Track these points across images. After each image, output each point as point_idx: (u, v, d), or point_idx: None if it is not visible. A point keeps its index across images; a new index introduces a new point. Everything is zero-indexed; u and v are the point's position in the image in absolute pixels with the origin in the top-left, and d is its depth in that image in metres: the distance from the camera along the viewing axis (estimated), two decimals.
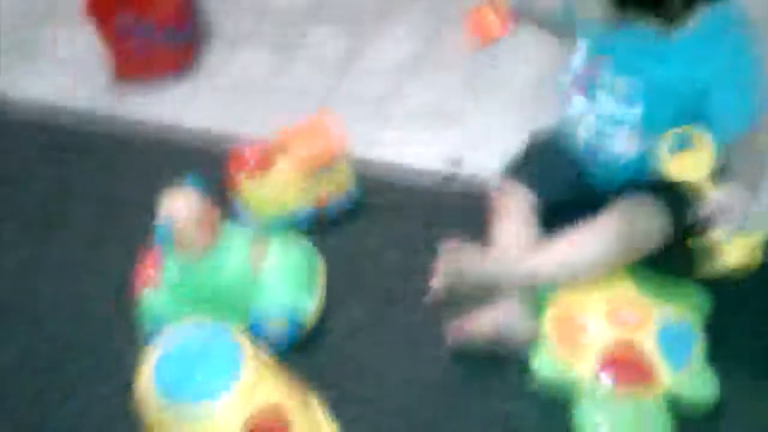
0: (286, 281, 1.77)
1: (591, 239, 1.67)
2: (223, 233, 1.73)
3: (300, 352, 1.70)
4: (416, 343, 1.74)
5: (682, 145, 1.56)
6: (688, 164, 1.54)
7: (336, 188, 1.96)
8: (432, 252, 1.71)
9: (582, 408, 1.57)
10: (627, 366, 1.57)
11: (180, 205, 1.68)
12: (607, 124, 1.71)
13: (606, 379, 1.56)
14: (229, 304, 1.72)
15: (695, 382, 1.58)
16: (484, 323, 1.68)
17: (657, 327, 1.60)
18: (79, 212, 2.11)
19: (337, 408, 1.62)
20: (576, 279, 1.67)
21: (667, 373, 1.56)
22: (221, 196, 1.85)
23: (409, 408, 1.65)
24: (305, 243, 1.86)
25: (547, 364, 1.62)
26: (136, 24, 2.39)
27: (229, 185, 1.93)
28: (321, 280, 1.83)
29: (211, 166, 1.95)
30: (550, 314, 1.65)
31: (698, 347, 1.60)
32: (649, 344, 1.58)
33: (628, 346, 1.58)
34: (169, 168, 1.85)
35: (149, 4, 2.38)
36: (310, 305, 1.79)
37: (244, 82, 2.38)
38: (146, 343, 1.56)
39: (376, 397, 1.67)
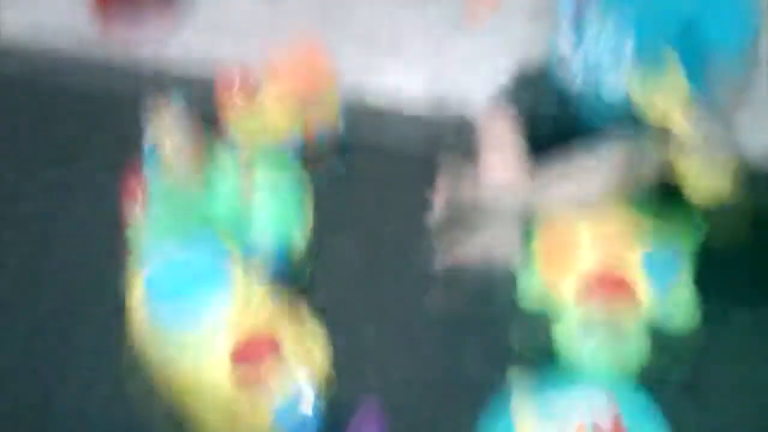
0: (275, 211, 1.76)
1: (589, 174, 1.67)
2: (212, 162, 1.74)
3: (287, 285, 1.66)
4: (407, 279, 1.74)
5: (656, 71, 1.57)
6: (662, 91, 1.55)
7: (324, 119, 1.95)
8: (421, 183, 1.74)
9: (564, 329, 1.58)
10: (611, 286, 1.57)
11: (167, 129, 1.70)
12: (598, 56, 1.70)
13: (590, 299, 1.56)
14: (218, 233, 1.70)
15: (677, 305, 1.58)
16: (473, 248, 1.70)
17: (643, 250, 1.60)
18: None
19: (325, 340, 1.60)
20: (571, 209, 1.67)
21: (650, 295, 1.57)
22: (209, 126, 1.84)
23: (400, 342, 1.67)
24: (294, 174, 1.85)
25: (534, 284, 1.63)
26: None
27: (217, 115, 1.91)
28: (309, 211, 1.82)
29: (198, 96, 1.92)
30: (539, 237, 1.66)
31: (683, 272, 1.61)
32: (634, 266, 1.58)
33: (614, 267, 1.58)
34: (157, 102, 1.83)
35: None
36: (298, 236, 1.77)
37: (230, 11, 2.35)
38: (137, 267, 1.56)
39: (361, 334, 1.67)
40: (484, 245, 1.71)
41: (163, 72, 2.23)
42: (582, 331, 1.57)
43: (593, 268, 1.59)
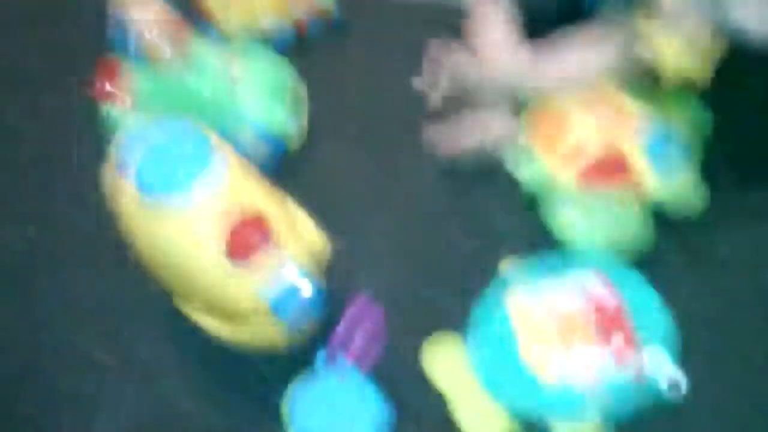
0: (264, 97, 1.67)
1: (587, 53, 1.62)
2: (194, 47, 1.62)
3: (280, 178, 1.49)
4: (403, 164, 1.68)
5: None
6: None
7: (316, 4, 1.84)
8: (417, 70, 1.71)
9: (561, 209, 1.53)
10: (612, 169, 1.53)
11: (145, 10, 1.57)
12: None
13: (590, 183, 1.52)
14: (203, 120, 1.53)
15: (681, 188, 1.52)
16: (469, 131, 1.67)
17: (646, 131, 1.54)
18: None
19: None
20: (569, 91, 1.62)
21: (653, 178, 1.51)
22: (193, 11, 1.72)
23: (394, 231, 1.59)
24: (282, 61, 1.73)
25: (532, 169, 1.58)
26: None
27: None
28: (302, 98, 1.73)
29: None
30: (536, 121, 1.61)
31: (688, 155, 1.54)
32: (636, 148, 1.52)
33: (615, 149, 1.53)
34: None
35: None
36: (291, 123, 1.69)
37: None
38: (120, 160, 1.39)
39: (355, 220, 1.60)
40: (481, 128, 1.67)
41: None
42: (582, 216, 1.53)
43: (593, 151, 1.54)
